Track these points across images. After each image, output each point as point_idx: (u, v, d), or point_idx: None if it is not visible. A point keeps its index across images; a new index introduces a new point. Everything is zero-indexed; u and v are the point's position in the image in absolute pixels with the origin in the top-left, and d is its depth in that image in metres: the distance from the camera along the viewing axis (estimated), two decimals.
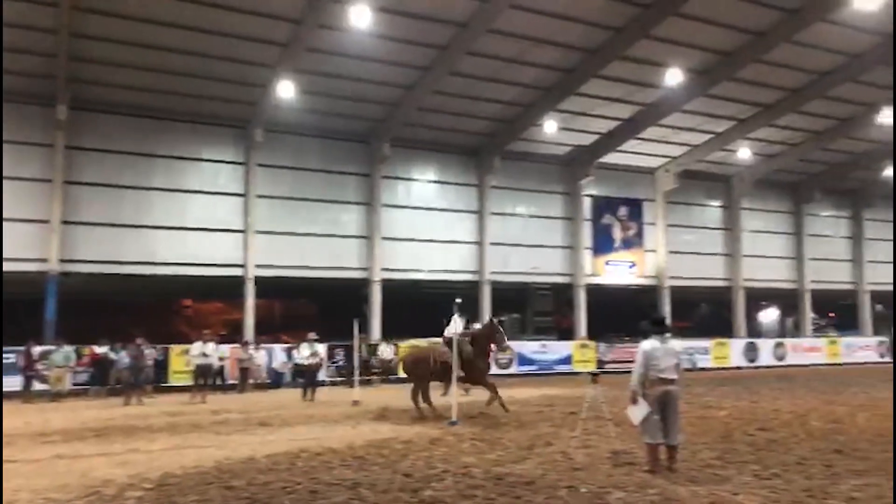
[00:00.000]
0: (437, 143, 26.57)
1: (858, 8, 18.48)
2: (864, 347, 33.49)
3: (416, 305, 23.62)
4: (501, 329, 13.69)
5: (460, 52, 20.99)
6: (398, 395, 15.98)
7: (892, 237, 38.08)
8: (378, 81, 22.37)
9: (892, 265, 37.96)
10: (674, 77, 22.02)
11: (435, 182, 27.35)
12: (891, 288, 38.05)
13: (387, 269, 25.80)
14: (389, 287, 25.70)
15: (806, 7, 20.04)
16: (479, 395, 14.71)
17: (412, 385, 13.74)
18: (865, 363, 31.75)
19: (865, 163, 32.63)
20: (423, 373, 13.47)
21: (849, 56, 23.00)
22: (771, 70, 23.40)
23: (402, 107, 23.71)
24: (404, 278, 26.15)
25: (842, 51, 22.59)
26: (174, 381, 20.81)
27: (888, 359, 32.81)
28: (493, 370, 16.44)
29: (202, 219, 23.54)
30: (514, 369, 25.34)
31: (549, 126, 25.17)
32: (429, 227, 26.80)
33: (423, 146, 26.70)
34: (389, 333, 24.39)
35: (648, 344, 8.46)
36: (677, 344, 8.27)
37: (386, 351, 22.90)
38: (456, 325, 13.46)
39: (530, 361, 25.86)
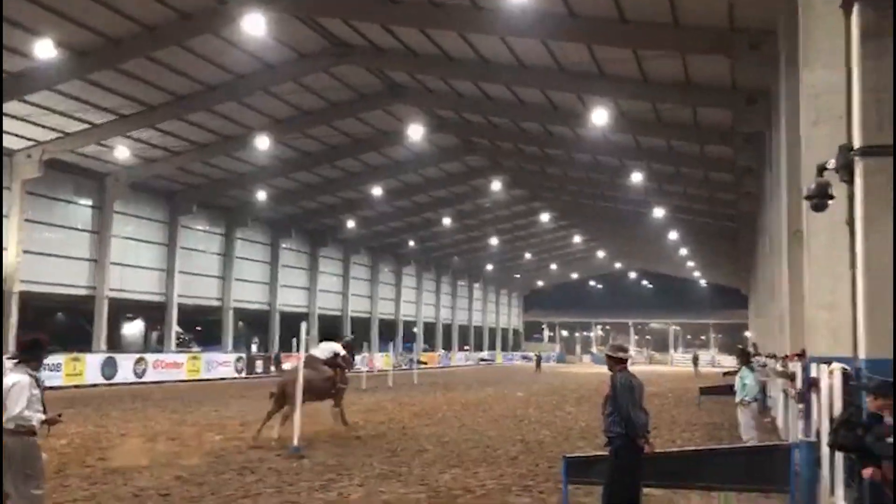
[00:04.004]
0: None
1: (246, 31, 20.46)
2: (224, 363, 36.74)
3: None
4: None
5: None
6: None
7: (257, 258, 43.28)
8: None
9: (257, 284, 42.98)
10: (45, 49, 20.43)
11: None
12: (250, 305, 43.10)
13: None
14: None
15: (198, 15, 21.19)
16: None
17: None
18: (224, 379, 34.88)
19: (241, 182, 36.24)
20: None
21: (235, 75, 25.24)
22: (158, 70, 23.91)
23: None
24: None
25: (228, 69, 24.64)
26: None
27: (244, 374, 36.78)
28: None
29: None
30: None
31: None
32: None
33: None
34: None
35: None
36: None
37: None
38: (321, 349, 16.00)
39: None
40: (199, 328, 46.95)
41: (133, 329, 44.26)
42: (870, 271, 5.80)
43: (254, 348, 47.67)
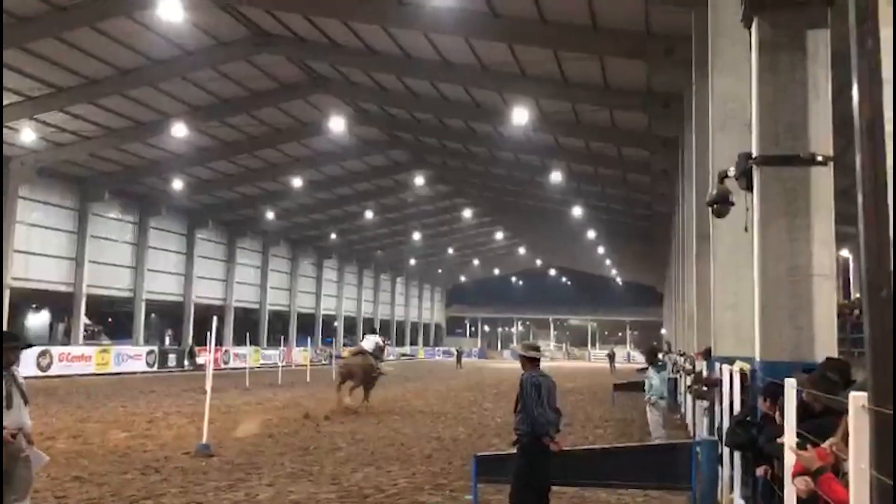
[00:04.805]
0: None
1: (163, 16, 19.82)
2: (135, 357, 35.60)
3: None
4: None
5: None
6: None
7: (171, 248, 42.08)
8: None
9: (171, 275, 41.88)
10: None
11: None
12: (163, 297, 41.87)
13: None
14: None
15: None
16: None
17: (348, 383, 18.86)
18: (135, 373, 33.80)
19: (157, 170, 35.14)
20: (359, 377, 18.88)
21: (151, 60, 24.41)
22: (70, 52, 22.92)
23: None
24: None
25: (144, 53, 23.81)
26: None
27: (156, 367, 35.76)
28: None
29: None
30: None
31: None
32: None
33: None
34: None
35: None
36: None
37: None
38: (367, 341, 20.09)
39: None
40: (109, 320, 45.40)
41: (38, 320, 42.40)
42: (764, 277, 6.01)
43: (167, 341, 46.43)
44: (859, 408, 2.62)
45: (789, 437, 3.88)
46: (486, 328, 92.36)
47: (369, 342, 19.90)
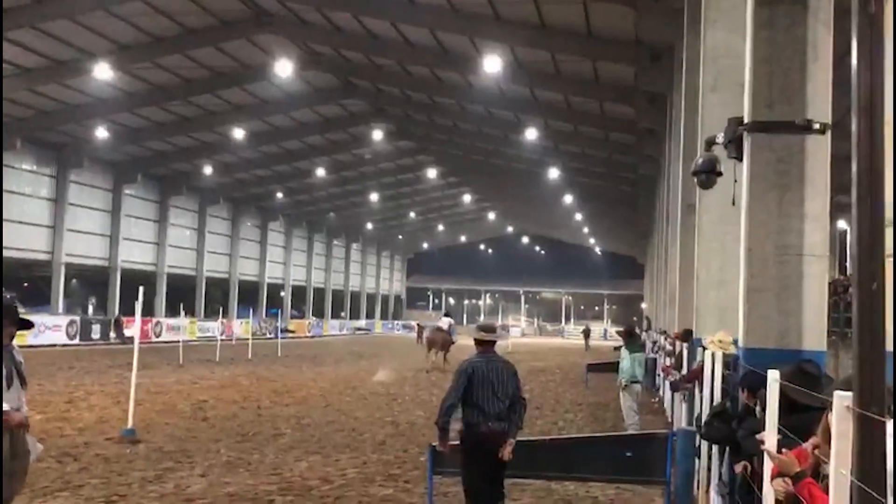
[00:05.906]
0: None
1: None
2: (53, 328, 35.10)
3: None
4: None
5: None
6: None
7: (95, 205, 41.38)
8: None
9: (95, 236, 41.23)
10: None
11: None
12: (86, 261, 41.26)
13: None
14: None
15: None
16: None
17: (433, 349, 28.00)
18: (54, 346, 33.37)
19: (77, 116, 34.46)
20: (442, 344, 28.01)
21: None
22: None
23: None
24: None
25: None
26: None
27: (78, 340, 35.36)
28: None
29: None
30: None
31: None
32: None
33: None
34: None
35: None
36: None
37: None
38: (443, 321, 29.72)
39: None
40: (24, 285, 44.73)
41: None
42: (750, 256, 6.05)
43: (90, 311, 45.89)
44: (843, 409, 2.67)
45: (770, 435, 3.94)
46: (451, 300, 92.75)
47: (444, 322, 29.54)
